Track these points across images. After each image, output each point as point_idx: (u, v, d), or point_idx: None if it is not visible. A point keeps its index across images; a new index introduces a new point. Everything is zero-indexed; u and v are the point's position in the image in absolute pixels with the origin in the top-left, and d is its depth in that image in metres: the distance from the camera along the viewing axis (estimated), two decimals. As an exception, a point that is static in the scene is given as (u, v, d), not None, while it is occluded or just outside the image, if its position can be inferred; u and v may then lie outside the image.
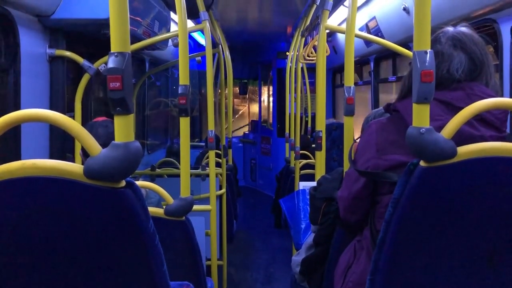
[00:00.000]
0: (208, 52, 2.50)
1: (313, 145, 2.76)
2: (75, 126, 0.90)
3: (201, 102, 7.48)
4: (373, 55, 4.34)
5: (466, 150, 1.00)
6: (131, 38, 0.94)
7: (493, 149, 1.00)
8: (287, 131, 5.07)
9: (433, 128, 0.98)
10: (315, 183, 1.92)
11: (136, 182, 0.95)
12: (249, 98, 9.69)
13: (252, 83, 9.23)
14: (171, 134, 5.71)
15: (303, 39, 4.05)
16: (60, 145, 2.28)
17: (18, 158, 1.97)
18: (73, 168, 0.89)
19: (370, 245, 1.29)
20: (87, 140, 0.89)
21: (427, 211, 1.04)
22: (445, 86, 1.19)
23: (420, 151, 0.99)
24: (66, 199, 0.90)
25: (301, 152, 4.25)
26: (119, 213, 0.92)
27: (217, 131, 4.66)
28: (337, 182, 1.68)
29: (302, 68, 4.71)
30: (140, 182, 1.82)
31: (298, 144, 4.11)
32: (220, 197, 3.42)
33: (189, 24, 2.92)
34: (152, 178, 3.40)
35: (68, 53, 2.29)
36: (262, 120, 8.23)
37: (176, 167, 3.69)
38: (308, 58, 4.29)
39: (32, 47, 2.11)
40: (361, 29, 3.88)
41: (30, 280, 0.96)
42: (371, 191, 1.30)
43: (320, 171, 2.27)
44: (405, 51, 2.25)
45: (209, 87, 2.67)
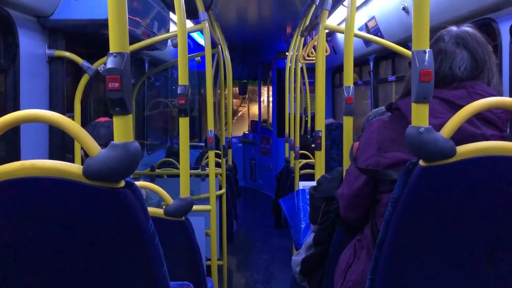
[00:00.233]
0: (208, 52, 2.50)
1: (313, 145, 2.76)
2: (74, 126, 0.89)
3: (200, 102, 7.48)
4: (373, 55, 4.34)
5: (466, 150, 0.99)
6: (130, 38, 0.94)
7: (493, 148, 1.00)
8: (286, 131, 5.07)
9: (432, 128, 0.98)
10: (315, 182, 1.92)
11: (135, 183, 0.95)
12: (248, 99, 9.69)
13: (252, 83, 9.23)
14: (170, 135, 5.71)
15: (303, 39, 4.04)
16: (59, 145, 2.28)
17: (17, 158, 1.97)
18: (72, 169, 0.89)
19: (370, 244, 1.30)
20: (86, 140, 0.89)
21: (427, 211, 1.04)
22: (447, 84, 1.20)
23: (419, 151, 0.99)
24: (66, 199, 0.90)
25: (300, 152, 4.25)
26: (118, 214, 0.92)
27: (216, 131, 4.67)
28: (337, 182, 1.68)
29: (301, 68, 4.71)
30: (139, 183, 1.82)
31: (297, 144, 4.11)
32: (220, 197, 3.42)
33: (189, 24, 2.93)
34: (152, 179, 3.40)
35: (67, 54, 2.29)
36: (261, 120, 8.23)
37: (176, 168, 3.70)
38: (308, 58, 4.29)
39: (31, 47, 2.10)
40: (360, 29, 3.89)
41: (29, 280, 0.96)
42: (371, 189, 1.30)
43: (319, 171, 2.27)
44: (405, 51, 2.25)
45: (208, 87, 2.67)
